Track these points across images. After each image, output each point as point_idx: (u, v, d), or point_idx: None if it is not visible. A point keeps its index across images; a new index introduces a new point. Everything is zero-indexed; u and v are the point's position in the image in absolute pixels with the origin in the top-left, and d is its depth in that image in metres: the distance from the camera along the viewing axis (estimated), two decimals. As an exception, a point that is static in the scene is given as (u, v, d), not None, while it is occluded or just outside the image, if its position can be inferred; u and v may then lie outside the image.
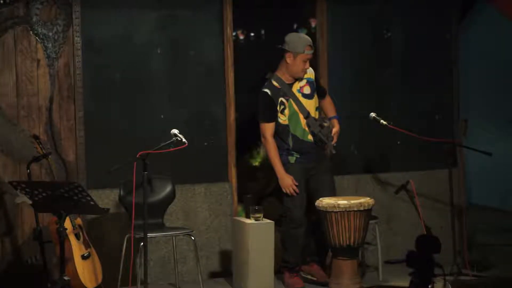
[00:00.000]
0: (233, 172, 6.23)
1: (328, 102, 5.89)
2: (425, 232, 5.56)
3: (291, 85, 5.68)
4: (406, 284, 3.37)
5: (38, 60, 5.76)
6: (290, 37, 5.67)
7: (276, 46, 5.72)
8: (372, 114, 5.90)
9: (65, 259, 4.65)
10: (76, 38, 5.80)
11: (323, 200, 5.59)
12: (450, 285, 5.07)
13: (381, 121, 5.85)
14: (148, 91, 6.04)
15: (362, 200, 5.56)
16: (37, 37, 5.75)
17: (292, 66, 5.64)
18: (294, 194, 5.64)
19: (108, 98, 5.95)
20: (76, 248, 5.22)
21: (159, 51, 6.06)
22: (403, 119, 6.27)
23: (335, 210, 5.49)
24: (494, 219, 8.37)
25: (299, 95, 5.68)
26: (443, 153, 6.03)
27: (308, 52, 5.62)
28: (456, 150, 6.42)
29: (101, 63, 5.92)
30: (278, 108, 5.66)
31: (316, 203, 5.61)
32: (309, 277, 5.84)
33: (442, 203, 6.43)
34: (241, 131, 6.37)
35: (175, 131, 5.15)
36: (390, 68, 6.63)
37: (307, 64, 5.64)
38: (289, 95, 5.65)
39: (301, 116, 5.66)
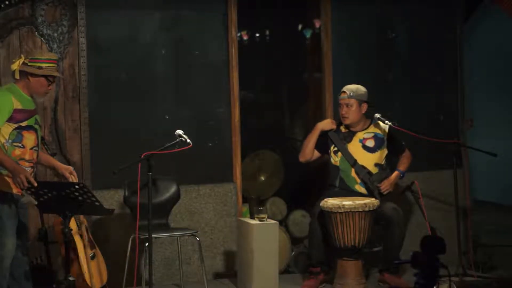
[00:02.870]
0: (237, 173, 6.23)
1: (403, 157, 5.96)
2: (430, 233, 5.55)
3: (354, 132, 5.87)
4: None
5: (43, 61, 5.76)
6: None
7: None
8: (377, 115, 5.90)
9: (70, 260, 4.66)
10: (81, 38, 5.81)
11: (328, 201, 5.59)
12: (455, 286, 5.06)
13: (386, 121, 5.85)
14: (153, 91, 6.05)
15: (367, 200, 5.56)
16: (42, 38, 5.76)
17: None
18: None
19: (112, 99, 5.96)
20: (81, 248, 5.22)
21: (163, 52, 6.07)
22: (408, 119, 6.26)
23: (340, 211, 5.49)
24: (499, 219, 8.37)
25: (358, 145, 5.82)
26: (448, 154, 6.02)
27: (340, 97, 5.85)
28: (461, 151, 6.41)
29: (106, 63, 5.93)
30: (332, 148, 5.85)
31: (321, 204, 5.62)
32: (386, 286, 5.78)
33: (447, 204, 6.43)
34: (245, 131, 6.37)
35: (179, 131, 5.15)
36: (394, 68, 6.62)
37: (344, 110, 5.81)
38: (347, 141, 5.83)
39: (350, 167, 5.81)
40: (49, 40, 5.77)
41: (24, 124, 4.74)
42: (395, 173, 5.85)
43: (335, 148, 5.87)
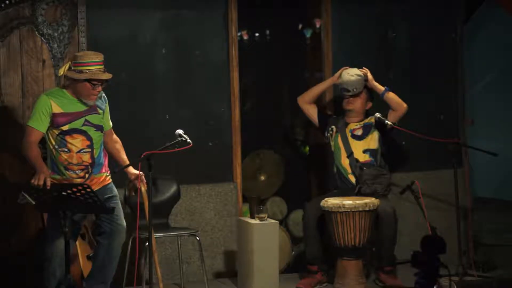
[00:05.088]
0: (238, 172, 6.23)
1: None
2: (430, 233, 5.55)
3: (348, 124, 5.99)
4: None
5: (44, 61, 5.77)
6: None
7: None
8: (377, 115, 5.90)
9: (70, 260, 4.65)
10: (81, 38, 5.81)
11: (328, 200, 5.59)
12: (455, 286, 5.06)
13: (386, 121, 5.85)
14: (153, 91, 6.05)
15: (367, 200, 5.56)
16: (42, 38, 5.76)
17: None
18: None
19: (113, 98, 5.92)
20: (82, 248, 5.22)
21: (164, 51, 6.06)
22: (408, 119, 6.25)
23: (340, 211, 5.49)
24: (500, 219, 8.36)
25: (349, 134, 5.93)
26: (448, 153, 6.02)
27: (343, 90, 5.98)
28: (461, 150, 6.41)
29: (106, 63, 5.90)
30: (329, 129, 6.03)
31: (321, 203, 5.62)
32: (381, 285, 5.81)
33: (447, 204, 6.43)
34: (246, 131, 6.37)
35: (180, 131, 5.15)
36: (395, 67, 6.62)
37: (351, 99, 5.95)
38: (340, 130, 5.94)
39: (343, 155, 5.89)
40: (49, 39, 5.78)
41: (65, 128, 4.84)
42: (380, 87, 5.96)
43: (331, 132, 5.97)
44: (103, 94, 5.08)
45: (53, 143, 4.87)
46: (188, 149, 5.07)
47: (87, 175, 4.90)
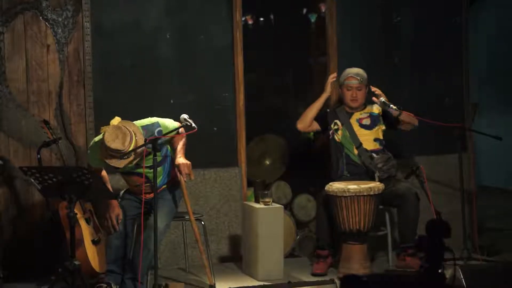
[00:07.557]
0: (242, 157, 6.23)
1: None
2: (435, 217, 5.56)
3: (351, 114, 5.94)
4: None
5: (48, 46, 5.76)
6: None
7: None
8: (382, 99, 5.89)
9: (75, 244, 4.67)
10: (85, 23, 5.80)
11: (333, 185, 5.59)
12: (460, 270, 5.06)
13: (391, 106, 5.84)
14: (158, 76, 6.04)
15: (372, 184, 5.56)
16: (46, 23, 5.75)
17: (342, 96, 5.97)
18: None
19: (117, 83, 5.96)
20: (87, 232, 5.24)
21: (168, 36, 6.05)
22: (413, 103, 6.25)
23: (345, 195, 5.49)
24: (504, 204, 8.38)
25: (356, 124, 5.91)
26: (453, 138, 6.01)
27: (348, 82, 5.89)
28: (466, 135, 6.40)
29: (111, 48, 5.92)
30: (332, 126, 5.95)
31: (326, 187, 5.62)
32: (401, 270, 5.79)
33: (452, 188, 6.43)
34: (250, 116, 6.36)
35: (184, 116, 5.15)
36: (400, 52, 6.60)
37: (354, 93, 5.89)
38: (345, 122, 5.91)
39: (353, 145, 5.87)
40: (53, 24, 5.77)
41: (120, 171, 5.04)
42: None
43: (336, 127, 5.92)
44: (157, 128, 5.09)
45: None
46: (193, 134, 5.08)
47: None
